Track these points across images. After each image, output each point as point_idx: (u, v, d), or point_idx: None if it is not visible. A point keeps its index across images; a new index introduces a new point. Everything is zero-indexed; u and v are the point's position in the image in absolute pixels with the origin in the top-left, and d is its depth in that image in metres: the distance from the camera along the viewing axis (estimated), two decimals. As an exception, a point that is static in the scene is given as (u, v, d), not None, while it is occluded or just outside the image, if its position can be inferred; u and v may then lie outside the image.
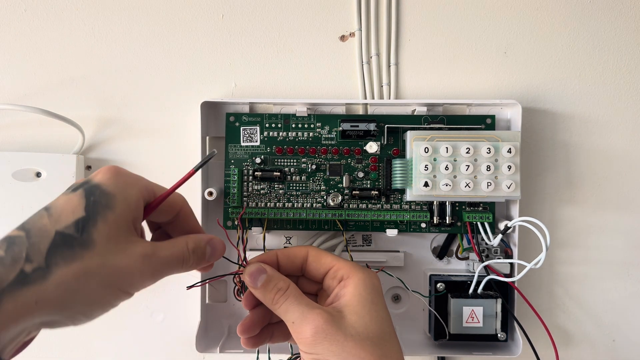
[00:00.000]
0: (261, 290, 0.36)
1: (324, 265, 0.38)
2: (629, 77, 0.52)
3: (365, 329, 0.33)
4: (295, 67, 0.53)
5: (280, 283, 0.35)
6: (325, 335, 0.32)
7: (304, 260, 0.38)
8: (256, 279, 0.36)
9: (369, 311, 0.34)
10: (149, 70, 0.53)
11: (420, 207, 0.49)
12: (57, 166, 0.49)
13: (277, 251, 0.39)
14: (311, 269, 0.38)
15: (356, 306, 0.34)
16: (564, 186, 0.52)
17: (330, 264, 0.37)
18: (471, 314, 0.47)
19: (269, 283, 0.35)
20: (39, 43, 0.53)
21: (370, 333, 0.33)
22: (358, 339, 0.33)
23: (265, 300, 0.36)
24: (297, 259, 0.38)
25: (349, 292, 0.35)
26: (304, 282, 0.40)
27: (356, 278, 0.36)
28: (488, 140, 0.46)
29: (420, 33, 0.53)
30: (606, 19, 0.52)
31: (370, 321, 0.34)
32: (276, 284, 0.35)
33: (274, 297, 0.35)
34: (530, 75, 0.52)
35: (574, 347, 0.53)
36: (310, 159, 0.49)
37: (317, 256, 0.38)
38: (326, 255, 0.38)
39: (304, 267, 0.39)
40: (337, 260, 0.37)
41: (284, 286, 0.35)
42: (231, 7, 0.53)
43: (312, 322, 0.33)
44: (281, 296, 0.35)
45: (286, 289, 0.35)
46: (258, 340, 0.39)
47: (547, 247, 0.41)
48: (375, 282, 0.36)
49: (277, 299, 0.35)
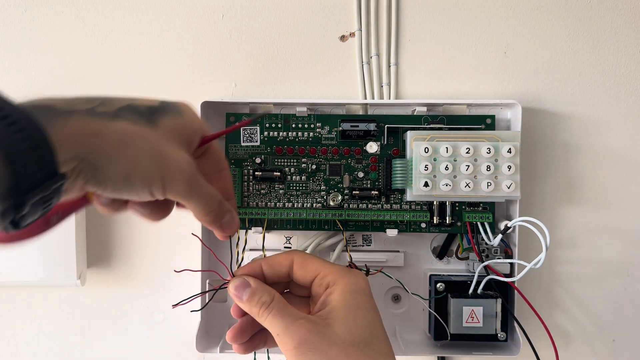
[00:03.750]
0: (246, 303, 0.36)
1: (309, 272, 0.37)
2: (629, 77, 0.52)
3: (350, 335, 0.33)
4: (295, 67, 0.53)
5: (265, 296, 0.35)
6: (308, 346, 0.33)
7: (289, 268, 0.38)
8: (241, 293, 0.36)
9: (355, 317, 0.34)
10: (149, 70, 0.53)
11: (420, 207, 0.49)
12: (57, 166, 0.49)
13: (262, 261, 0.38)
14: (297, 276, 0.38)
15: (341, 312, 0.34)
16: (564, 186, 0.52)
17: (317, 270, 0.37)
18: (471, 314, 0.47)
19: (253, 297, 0.35)
20: (39, 43, 0.53)
21: (356, 339, 0.33)
22: (342, 347, 0.33)
23: (252, 313, 0.36)
24: (282, 267, 0.38)
25: (334, 300, 0.35)
26: (296, 286, 0.39)
27: (342, 283, 0.36)
28: (488, 140, 0.46)
29: (420, 33, 0.53)
30: (606, 19, 0.52)
31: (356, 327, 0.34)
32: (260, 298, 0.35)
33: (259, 311, 0.35)
34: (530, 75, 0.52)
35: (574, 347, 0.53)
36: (310, 159, 0.49)
37: (303, 263, 0.38)
38: (312, 262, 0.37)
39: (291, 274, 0.38)
40: (322, 267, 0.37)
41: (267, 299, 0.35)
42: (231, 7, 0.53)
43: (294, 334, 0.33)
44: (265, 310, 0.35)
45: (270, 302, 0.35)
46: (250, 346, 0.39)
47: (547, 247, 0.41)
48: (361, 284, 0.36)
49: (261, 313, 0.35)
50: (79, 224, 0.50)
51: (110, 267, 0.53)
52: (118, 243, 0.53)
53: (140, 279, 0.53)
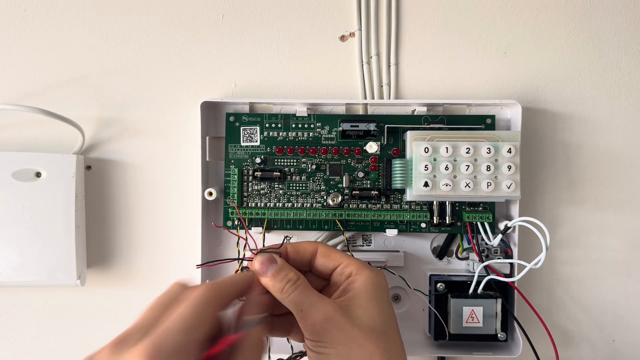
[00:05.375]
0: (271, 278, 0.36)
1: (333, 261, 0.38)
2: (629, 77, 0.52)
3: (372, 321, 0.34)
4: (295, 67, 0.53)
5: (291, 274, 0.36)
6: (333, 323, 0.33)
7: (313, 256, 0.39)
8: (267, 268, 0.36)
9: (375, 306, 0.35)
10: (149, 70, 0.53)
11: (420, 207, 0.49)
12: (57, 166, 0.49)
13: (287, 244, 0.40)
14: (320, 264, 0.39)
15: (363, 300, 0.35)
16: (564, 186, 0.52)
17: (340, 260, 0.38)
18: (471, 314, 0.47)
19: (280, 272, 0.36)
20: (39, 43, 0.53)
21: (377, 326, 0.34)
22: (365, 330, 0.34)
23: (274, 289, 0.36)
24: (306, 254, 0.39)
25: (356, 288, 0.36)
26: (311, 278, 0.40)
27: (364, 275, 0.37)
28: (488, 140, 0.46)
29: (420, 33, 0.53)
30: (606, 19, 0.52)
31: (377, 315, 0.35)
32: (287, 275, 0.36)
33: (284, 287, 0.35)
34: (530, 75, 0.52)
35: (574, 347, 0.53)
36: (310, 159, 0.49)
37: (327, 252, 0.39)
38: (335, 252, 0.39)
39: (312, 263, 0.39)
40: (346, 258, 0.38)
41: (294, 277, 0.36)
42: (231, 7, 0.53)
43: (321, 310, 0.34)
44: (291, 286, 0.35)
45: (296, 280, 0.36)
46: None
47: (547, 247, 0.41)
48: (382, 280, 0.37)
49: (287, 289, 0.35)
50: (79, 224, 0.50)
51: (110, 267, 0.53)
52: (118, 243, 0.53)
53: (140, 279, 0.53)
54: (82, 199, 0.52)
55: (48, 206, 0.49)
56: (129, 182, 0.53)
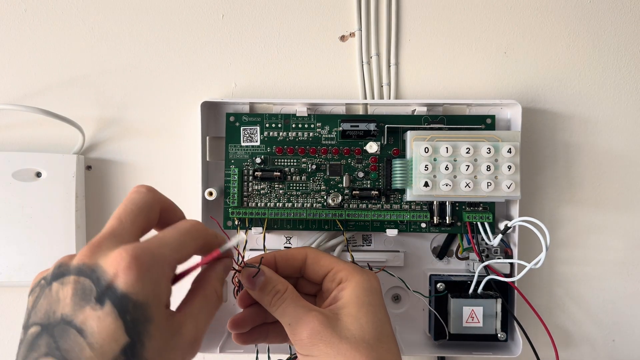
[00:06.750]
0: (259, 292, 0.35)
1: (322, 267, 0.37)
2: (629, 77, 0.52)
3: (361, 331, 0.33)
4: (295, 67, 0.53)
5: (278, 285, 0.35)
6: (320, 337, 0.33)
7: (302, 263, 0.38)
8: (254, 282, 0.36)
9: (366, 313, 0.34)
10: (149, 70, 0.53)
11: (420, 207, 0.49)
12: (57, 166, 0.49)
13: (275, 253, 0.39)
14: (310, 271, 0.38)
15: (352, 308, 0.34)
16: (564, 186, 0.52)
17: (329, 266, 0.37)
18: (471, 314, 0.47)
19: (267, 285, 0.35)
20: (39, 43, 0.53)
21: (366, 335, 0.33)
22: (353, 341, 0.33)
23: (263, 302, 0.36)
24: (295, 261, 0.38)
25: (346, 295, 0.35)
26: (303, 283, 0.39)
27: (354, 280, 0.36)
28: (488, 140, 0.46)
29: (420, 33, 0.53)
30: (606, 19, 0.52)
31: (367, 323, 0.34)
32: (274, 287, 0.35)
33: (272, 300, 0.35)
34: (530, 75, 0.52)
35: (574, 347, 0.53)
36: (310, 159, 0.49)
37: (316, 258, 0.38)
38: (325, 257, 0.38)
39: (303, 269, 0.38)
40: (336, 263, 0.37)
41: (281, 289, 0.35)
42: (231, 7, 0.53)
43: (308, 324, 0.33)
44: (278, 299, 0.35)
45: (284, 291, 0.35)
46: (249, 338, 0.38)
47: (547, 247, 0.41)
48: (374, 284, 0.36)
49: (274, 302, 0.35)
50: (79, 224, 0.50)
51: (110, 267, 0.53)
52: (118, 243, 0.53)
53: (140, 279, 0.53)
54: (82, 199, 0.52)
55: (48, 206, 0.49)
56: (129, 182, 0.53)
